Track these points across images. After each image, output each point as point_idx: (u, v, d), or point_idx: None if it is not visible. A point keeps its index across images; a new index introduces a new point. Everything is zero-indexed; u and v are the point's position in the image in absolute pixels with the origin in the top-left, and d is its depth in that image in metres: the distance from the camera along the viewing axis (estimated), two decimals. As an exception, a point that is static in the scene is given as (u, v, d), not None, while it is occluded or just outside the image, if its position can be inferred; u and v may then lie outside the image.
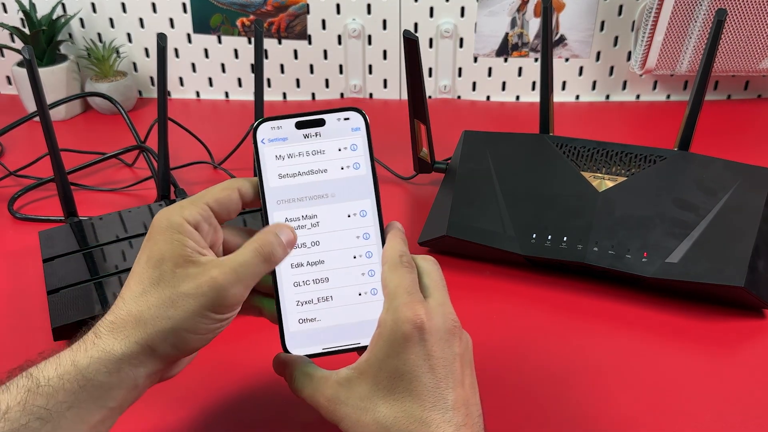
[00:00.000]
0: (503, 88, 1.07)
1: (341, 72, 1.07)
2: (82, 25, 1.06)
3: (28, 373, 0.36)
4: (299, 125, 0.42)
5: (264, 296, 0.44)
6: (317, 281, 0.42)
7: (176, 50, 1.06)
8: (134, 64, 1.08)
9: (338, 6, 1.02)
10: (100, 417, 0.36)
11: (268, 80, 1.08)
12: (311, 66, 1.07)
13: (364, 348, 0.41)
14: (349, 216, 0.42)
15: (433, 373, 0.37)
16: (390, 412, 0.37)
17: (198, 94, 1.10)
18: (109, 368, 0.36)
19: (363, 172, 0.42)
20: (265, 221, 0.42)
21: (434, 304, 0.39)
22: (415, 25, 1.03)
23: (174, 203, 0.41)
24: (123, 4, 1.04)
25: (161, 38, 0.65)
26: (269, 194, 0.42)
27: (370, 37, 1.04)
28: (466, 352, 0.40)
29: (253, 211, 0.68)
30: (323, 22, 1.03)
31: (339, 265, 0.42)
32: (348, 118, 0.43)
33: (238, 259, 0.39)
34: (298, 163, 0.42)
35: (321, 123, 0.42)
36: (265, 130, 0.42)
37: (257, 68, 0.74)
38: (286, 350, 0.42)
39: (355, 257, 0.42)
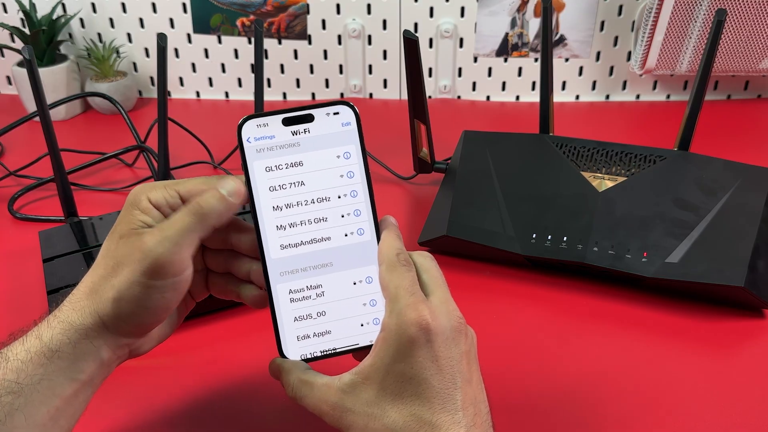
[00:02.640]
0: (503, 88, 1.07)
1: (341, 72, 1.07)
2: (82, 25, 1.06)
3: None
4: (286, 122, 0.40)
5: (242, 282, 0.43)
6: (314, 295, 0.41)
7: (176, 50, 1.06)
8: (134, 64, 1.08)
9: (338, 6, 1.02)
10: (72, 390, 0.37)
11: (268, 80, 1.08)
12: (311, 66, 1.07)
13: (363, 348, 0.40)
14: (342, 216, 0.41)
15: (440, 374, 0.37)
16: (399, 417, 0.36)
17: (198, 94, 1.10)
18: (72, 339, 0.37)
19: (357, 180, 0.41)
20: (258, 233, 0.40)
21: (437, 303, 0.38)
22: (415, 25, 1.03)
23: (154, 183, 0.41)
24: (123, 4, 1.04)
25: (161, 38, 0.65)
26: (260, 203, 0.40)
27: (370, 37, 1.04)
28: (471, 349, 0.39)
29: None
30: (323, 22, 1.03)
31: (339, 288, 0.41)
32: (338, 113, 0.40)
33: (169, 221, 0.38)
34: (289, 174, 0.40)
35: (309, 119, 0.40)
36: (250, 128, 0.40)
37: (257, 68, 0.74)
38: (282, 355, 0.41)
39: (356, 281, 0.41)
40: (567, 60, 1.04)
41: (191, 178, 0.41)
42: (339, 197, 0.41)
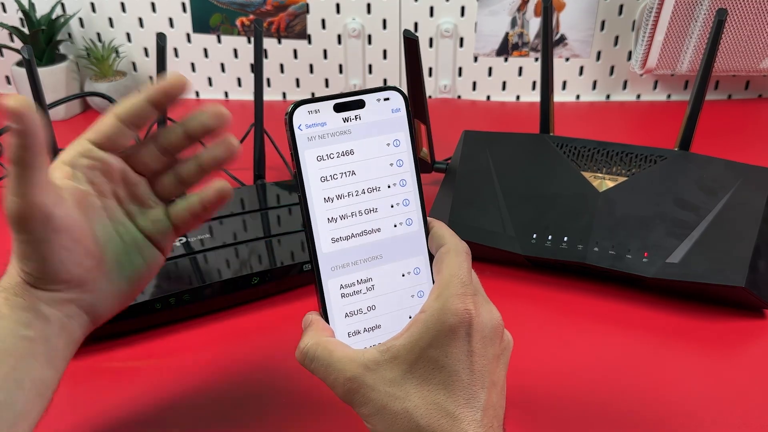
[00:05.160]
0: (503, 88, 1.07)
1: (341, 72, 1.07)
2: (82, 25, 1.06)
3: None
4: (338, 108, 0.38)
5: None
6: (365, 289, 0.40)
7: (176, 50, 1.06)
8: (134, 63, 1.08)
9: (338, 6, 1.02)
10: (22, 347, 0.37)
11: (268, 80, 1.08)
12: (311, 66, 1.07)
13: None
14: (392, 206, 0.40)
15: (471, 370, 0.36)
16: (421, 402, 0.35)
17: (197, 93, 1.10)
18: (7, 299, 0.37)
19: (406, 168, 0.40)
20: (308, 226, 0.38)
21: (482, 300, 0.38)
22: (415, 24, 1.03)
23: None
24: (122, 4, 1.04)
25: (161, 38, 0.65)
26: (311, 195, 0.38)
27: (370, 36, 1.04)
28: (505, 353, 0.39)
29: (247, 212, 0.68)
30: (323, 21, 1.03)
31: (388, 280, 0.40)
32: (388, 98, 0.39)
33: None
34: (341, 163, 0.39)
35: (361, 105, 0.39)
36: (301, 115, 0.38)
37: (257, 68, 0.74)
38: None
39: (405, 273, 0.40)
40: (567, 60, 1.04)
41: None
42: (389, 186, 0.39)
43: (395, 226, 0.39)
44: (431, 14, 1.02)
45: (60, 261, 0.38)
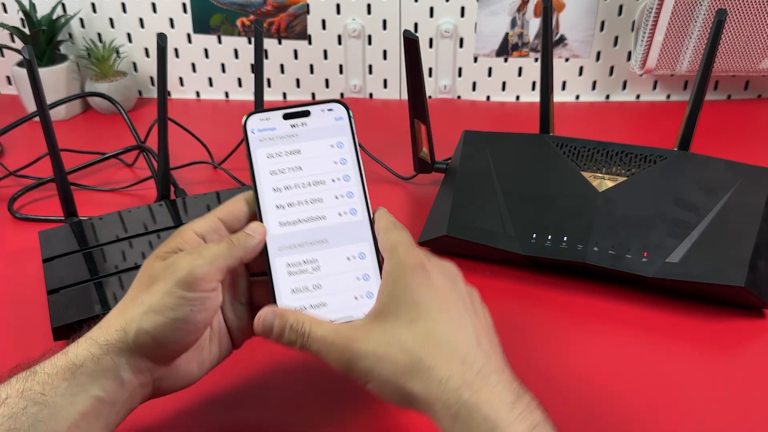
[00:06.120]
0: (503, 88, 1.07)
1: (341, 72, 1.07)
2: (82, 25, 1.06)
3: (28, 368, 0.38)
4: (286, 116, 0.45)
5: None
6: (310, 269, 0.44)
7: (176, 50, 1.06)
8: (134, 64, 1.08)
9: (338, 6, 1.02)
10: (91, 407, 0.37)
11: (268, 80, 1.08)
12: (311, 66, 1.07)
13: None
14: (336, 197, 0.45)
15: (446, 302, 0.40)
16: (415, 340, 0.38)
17: (198, 94, 1.10)
18: (94, 354, 0.38)
19: (349, 166, 0.45)
20: (259, 213, 0.44)
21: (430, 255, 0.43)
22: (415, 25, 1.03)
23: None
24: (123, 4, 1.04)
25: (161, 38, 0.65)
26: (262, 186, 0.44)
27: (370, 37, 1.04)
28: (473, 297, 0.43)
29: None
30: (323, 22, 1.03)
31: (333, 262, 0.44)
32: (331, 109, 0.46)
33: (205, 246, 0.42)
34: (288, 160, 0.45)
35: (306, 114, 0.45)
36: (254, 122, 0.45)
37: (257, 68, 0.74)
38: None
39: (350, 257, 0.44)
40: (567, 60, 1.04)
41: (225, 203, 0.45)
42: (333, 181, 0.45)
43: (340, 214, 0.45)
44: (431, 15, 1.02)
45: (182, 330, 0.39)
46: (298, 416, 0.49)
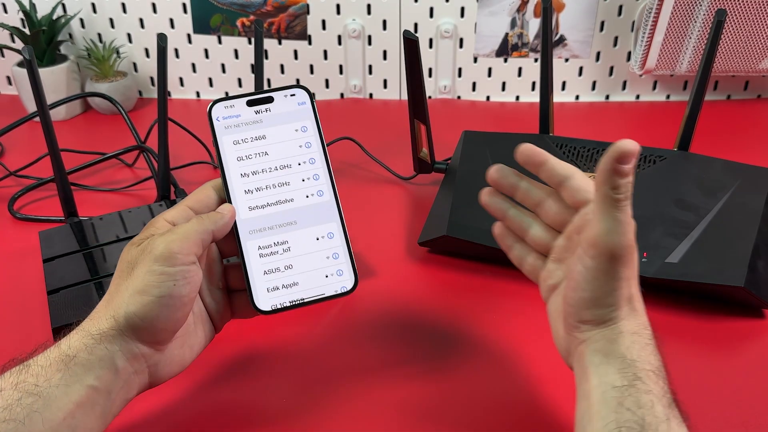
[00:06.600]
0: (503, 89, 1.07)
1: (341, 72, 1.07)
2: (83, 26, 1.06)
3: (22, 362, 0.39)
4: (250, 103, 0.46)
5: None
6: (281, 251, 0.45)
7: (176, 50, 1.06)
8: (134, 64, 1.09)
9: (338, 6, 1.02)
10: (85, 395, 0.38)
11: (268, 80, 1.08)
12: (311, 66, 1.07)
13: (328, 298, 0.44)
14: (303, 180, 0.46)
15: None
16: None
17: (198, 94, 1.10)
18: (87, 344, 0.39)
19: (314, 149, 0.46)
20: (228, 199, 0.45)
21: None
22: (415, 25, 1.03)
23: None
24: (123, 5, 1.04)
25: (161, 38, 0.65)
26: (229, 172, 0.45)
27: (370, 37, 1.04)
28: None
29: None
30: (323, 22, 1.03)
31: (303, 243, 0.45)
32: (294, 95, 0.47)
33: (178, 225, 0.43)
34: (254, 146, 0.46)
35: (270, 100, 0.46)
36: (219, 110, 0.46)
37: (257, 68, 0.74)
38: (254, 306, 0.44)
39: (319, 237, 0.46)
40: (567, 60, 1.04)
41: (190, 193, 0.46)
42: (299, 164, 0.46)
43: (307, 197, 0.46)
44: (431, 15, 1.02)
45: (169, 306, 0.40)
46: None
